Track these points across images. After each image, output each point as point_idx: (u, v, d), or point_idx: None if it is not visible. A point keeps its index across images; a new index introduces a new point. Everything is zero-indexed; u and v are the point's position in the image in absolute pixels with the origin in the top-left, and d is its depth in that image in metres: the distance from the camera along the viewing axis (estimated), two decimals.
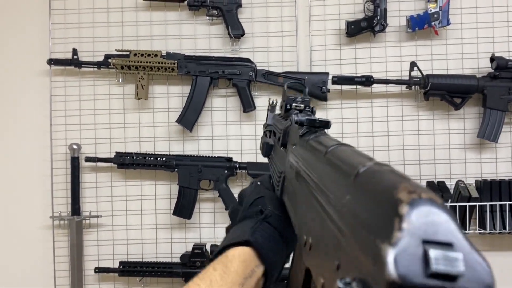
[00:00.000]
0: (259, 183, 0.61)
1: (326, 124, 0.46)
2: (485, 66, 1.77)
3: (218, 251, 0.49)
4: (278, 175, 0.54)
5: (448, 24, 1.75)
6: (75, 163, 1.84)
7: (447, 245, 0.17)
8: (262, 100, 1.84)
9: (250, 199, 0.56)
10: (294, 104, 0.57)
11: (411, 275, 0.17)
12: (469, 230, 1.70)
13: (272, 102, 0.76)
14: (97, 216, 1.85)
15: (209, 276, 0.44)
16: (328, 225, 0.27)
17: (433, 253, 0.17)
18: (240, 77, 1.80)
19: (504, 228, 1.68)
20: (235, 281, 0.44)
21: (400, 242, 0.17)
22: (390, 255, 0.17)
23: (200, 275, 0.44)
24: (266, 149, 0.62)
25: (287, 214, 0.47)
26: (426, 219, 0.18)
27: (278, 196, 0.54)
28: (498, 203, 1.68)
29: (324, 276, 0.27)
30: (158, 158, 1.78)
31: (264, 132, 0.73)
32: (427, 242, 0.17)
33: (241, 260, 0.46)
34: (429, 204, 0.18)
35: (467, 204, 1.66)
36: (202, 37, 1.88)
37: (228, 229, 0.58)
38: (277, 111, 0.71)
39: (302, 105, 0.57)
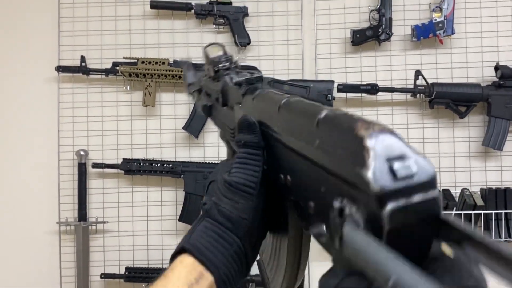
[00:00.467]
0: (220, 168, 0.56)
1: (260, 78, 0.53)
2: (490, 75, 1.78)
3: (170, 259, 0.46)
4: (231, 131, 0.57)
5: (453, 33, 1.77)
6: (82, 169, 1.86)
7: (401, 157, 0.24)
8: None
9: (209, 190, 0.51)
10: (220, 65, 0.61)
11: (386, 184, 0.24)
12: None
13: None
14: (104, 222, 1.86)
15: (157, 284, 0.42)
16: (305, 164, 0.34)
17: (396, 165, 0.24)
18: None
19: (510, 236, 1.69)
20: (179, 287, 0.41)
21: (373, 165, 0.24)
22: (370, 175, 0.24)
23: (155, 282, 0.42)
24: (207, 111, 0.67)
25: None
26: (383, 143, 0.25)
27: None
28: (503, 211, 1.68)
29: (314, 200, 0.34)
30: (165, 165, 1.80)
31: (192, 92, 0.78)
32: (389, 159, 0.24)
33: (183, 265, 0.43)
34: (382, 133, 0.25)
35: (472, 212, 1.67)
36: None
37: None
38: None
39: (228, 63, 0.61)
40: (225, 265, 0.43)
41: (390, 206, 0.23)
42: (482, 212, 1.68)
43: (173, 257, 0.45)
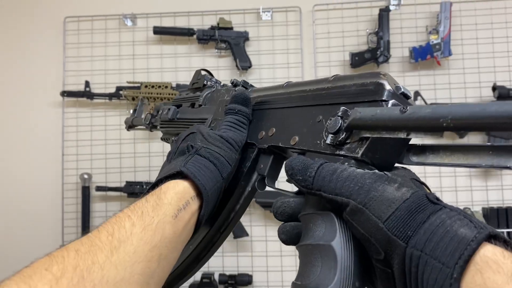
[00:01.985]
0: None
1: (249, 85, 0.63)
2: (488, 95, 1.81)
3: (152, 185, 0.48)
4: (201, 120, 0.65)
5: (450, 54, 1.80)
6: (85, 192, 1.88)
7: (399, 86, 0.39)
8: None
9: (182, 136, 0.56)
10: (209, 83, 0.72)
11: (394, 91, 0.38)
12: None
13: (143, 100, 1.00)
14: None
15: (141, 207, 0.42)
16: (299, 110, 0.47)
17: (401, 86, 0.39)
18: None
19: None
20: (168, 212, 0.43)
21: (387, 80, 0.39)
22: (387, 84, 0.38)
23: (131, 207, 0.43)
24: (172, 114, 0.74)
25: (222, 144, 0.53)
26: (391, 77, 0.40)
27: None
28: (505, 230, 1.68)
29: (298, 134, 0.46)
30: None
31: (149, 119, 0.85)
32: (395, 84, 0.39)
33: (175, 191, 0.45)
34: (390, 75, 0.40)
35: None
36: (211, 69, 1.93)
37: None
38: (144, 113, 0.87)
39: (214, 79, 0.73)
40: (212, 194, 0.48)
41: (392, 101, 0.38)
42: None
43: (163, 179, 0.47)
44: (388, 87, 0.38)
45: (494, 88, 1.76)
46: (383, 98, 0.38)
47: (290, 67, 1.92)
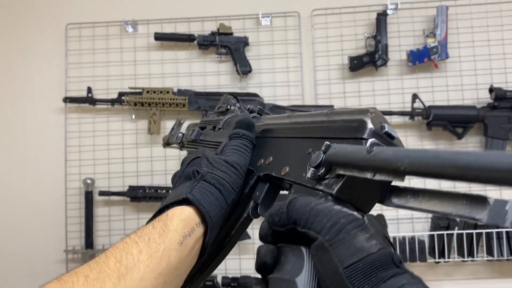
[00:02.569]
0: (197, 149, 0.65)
1: (264, 112, 0.64)
2: (485, 97, 1.83)
3: (158, 210, 0.49)
4: (216, 144, 0.66)
5: (447, 57, 1.83)
6: (89, 197, 1.89)
7: (384, 125, 0.38)
8: None
9: (187, 160, 0.56)
10: (232, 107, 0.71)
11: (376, 131, 0.37)
12: (477, 257, 1.72)
13: (181, 120, 1.01)
14: None
15: (148, 233, 0.43)
16: (292, 141, 0.48)
17: (386, 126, 0.38)
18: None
19: None
20: (174, 239, 0.44)
21: (371, 118, 0.38)
22: (368, 122, 0.38)
23: (139, 232, 0.44)
24: (195, 136, 0.74)
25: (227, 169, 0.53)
26: (380, 116, 0.39)
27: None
28: (504, 229, 1.70)
29: (289, 165, 0.46)
30: (170, 191, 1.83)
31: (181, 138, 0.85)
32: (381, 123, 0.38)
33: (181, 218, 0.46)
34: (378, 112, 0.39)
35: (474, 231, 1.69)
36: (211, 74, 1.97)
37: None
38: (183, 129, 0.90)
39: (238, 105, 0.72)
40: (217, 221, 0.49)
41: (371, 140, 0.37)
42: (484, 231, 1.70)
43: (169, 205, 0.48)
44: (370, 125, 0.37)
45: (491, 90, 1.79)
46: (363, 136, 0.37)
47: (289, 71, 1.95)
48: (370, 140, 0.37)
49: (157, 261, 0.41)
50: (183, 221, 0.46)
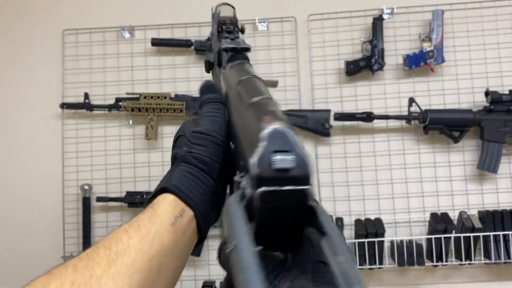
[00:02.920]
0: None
1: (246, 49, 0.58)
2: (481, 100, 1.84)
3: (148, 200, 0.48)
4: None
5: (443, 61, 1.84)
6: (86, 203, 1.89)
7: (285, 152, 0.29)
8: None
9: (174, 139, 0.55)
10: (224, 26, 0.63)
11: (264, 171, 0.29)
12: (474, 260, 1.73)
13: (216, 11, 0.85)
14: None
15: (137, 220, 0.43)
16: (237, 136, 0.41)
17: (275, 157, 0.29)
18: None
19: (509, 258, 1.71)
20: (164, 221, 0.43)
21: (259, 153, 0.29)
22: (254, 160, 0.29)
23: (129, 222, 0.43)
24: (208, 66, 0.68)
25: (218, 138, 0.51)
26: (274, 137, 0.30)
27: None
28: (501, 232, 1.71)
29: (239, 171, 0.39)
30: None
31: (207, 46, 0.78)
32: (275, 152, 0.29)
33: (168, 202, 0.45)
34: (277, 127, 0.30)
35: (471, 235, 1.70)
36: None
37: None
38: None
39: (231, 26, 0.63)
40: (202, 202, 0.48)
41: (262, 189, 0.29)
42: (481, 234, 1.71)
43: (154, 196, 0.47)
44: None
45: (487, 94, 1.80)
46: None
47: (286, 75, 1.95)
48: (259, 190, 0.30)
49: (148, 244, 0.40)
50: (170, 204, 0.45)
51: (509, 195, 1.84)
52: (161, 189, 0.47)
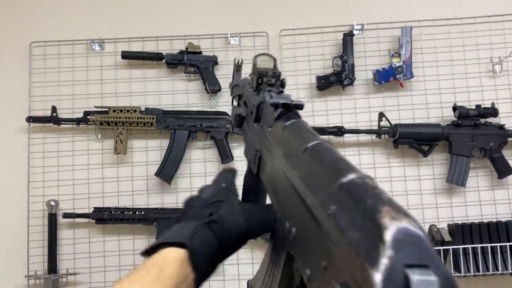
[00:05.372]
0: (224, 185, 0.57)
1: (300, 106, 0.49)
2: (449, 115, 1.88)
3: (153, 246, 0.46)
4: (254, 152, 0.55)
5: (412, 76, 1.87)
6: (52, 219, 1.83)
7: (424, 267, 0.20)
8: (239, 151, 1.89)
9: (207, 200, 0.52)
10: (265, 79, 0.57)
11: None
12: None
13: (238, 62, 0.77)
14: (75, 274, 1.82)
15: (140, 279, 0.41)
16: (315, 226, 0.29)
17: (414, 277, 0.19)
18: (218, 130, 1.86)
19: (478, 271, 1.72)
20: (167, 286, 0.42)
21: (386, 268, 0.20)
22: (378, 279, 0.20)
23: (131, 276, 0.42)
24: (239, 121, 0.63)
25: (246, 213, 0.50)
26: (407, 245, 0.21)
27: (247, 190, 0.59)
28: (470, 245, 1.73)
29: (311, 269, 0.30)
30: (137, 212, 1.79)
31: (232, 96, 0.75)
32: (408, 266, 0.20)
33: (178, 264, 0.44)
34: (409, 230, 0.21)
35: (441, 248, 1.71)
36: (180, 93, 1.95)
37: (165, 227, 0.55)
38: (243, 75, 0.73)
39: (273, 79, 0.57)
40: (207, 272, 0.48)
41: None
42: (450, 247, 1.72)
43: (168, 244, 0.46)
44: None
45: (455, 109, 1.83)
46: None
47: None
48: None
49: None
50: (178, 268, 0.44)
51: (477, 208, 1.87)
52: (179, 243, 0.46)
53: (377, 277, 0.20)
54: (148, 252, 0.46)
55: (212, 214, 0.49)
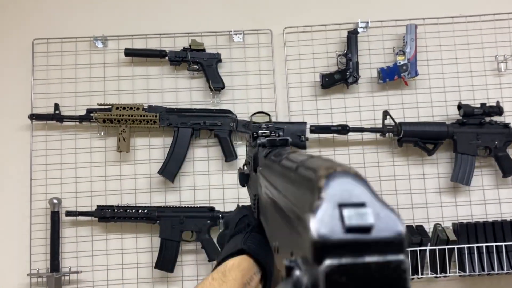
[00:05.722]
0: (241, 205, 0.67)
1: (285, 141, 0.52)
2: (453, 113, 1.87)
3: (216, 264, 0.51)
4: (253, 198, 0.58)
5: (417, 75, 1.86)
6: (55, 217, 1.82)
7: (359, 205, 0.20)
8: (243, 149, 1.88)
9: (235, 219, 0.60)
10: (260, 132, 0.60)
11: (330, 233, 0.19)
12: (449, 273, 1.73)
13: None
14: (77, 272, 1.81)
15: (208, 285, 0.46)
16: (285, 223, 0.29)
17: (346, 212, 0.20)
18: (222, 128, 1.85)
19: (483, 270, 1.71)
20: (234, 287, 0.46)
21: (319, 209, 0.20)
22: (312, 221, 0.20)
23: (199, 285, 0.46)
24: (242, 179, 0.66)
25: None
26: (341, 187, 0.21)
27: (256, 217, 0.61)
28: (475, 245, 1.72)
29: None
30: (140, 210, 1.78)
31: (243, 165, 0.77)
32: (342, 205, 0.20)
33: (239, 269, 0.48)
34: (343, 175, 0.22)
35: (446, 247, 1.70)
36: (183, 90, 1.94)
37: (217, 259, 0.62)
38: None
39: (268, 131, 0.60)
40: (271, 267, 0.51)
41: (328, 262, 0.19)
42: (455, 246, 1.71)
43: (228, 257, 0.51)
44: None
45: (460, 107, 1.82)
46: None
47: (262, 88, 1.94)
48: (324, 265, 0.20)
49: None
50: (241, 271, 0.48)
51: (482, 207, 1.86)
52: (236, 252, 0.52)
53: (311, 219, 0.20)
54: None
55: (248, 224, 0.56)
